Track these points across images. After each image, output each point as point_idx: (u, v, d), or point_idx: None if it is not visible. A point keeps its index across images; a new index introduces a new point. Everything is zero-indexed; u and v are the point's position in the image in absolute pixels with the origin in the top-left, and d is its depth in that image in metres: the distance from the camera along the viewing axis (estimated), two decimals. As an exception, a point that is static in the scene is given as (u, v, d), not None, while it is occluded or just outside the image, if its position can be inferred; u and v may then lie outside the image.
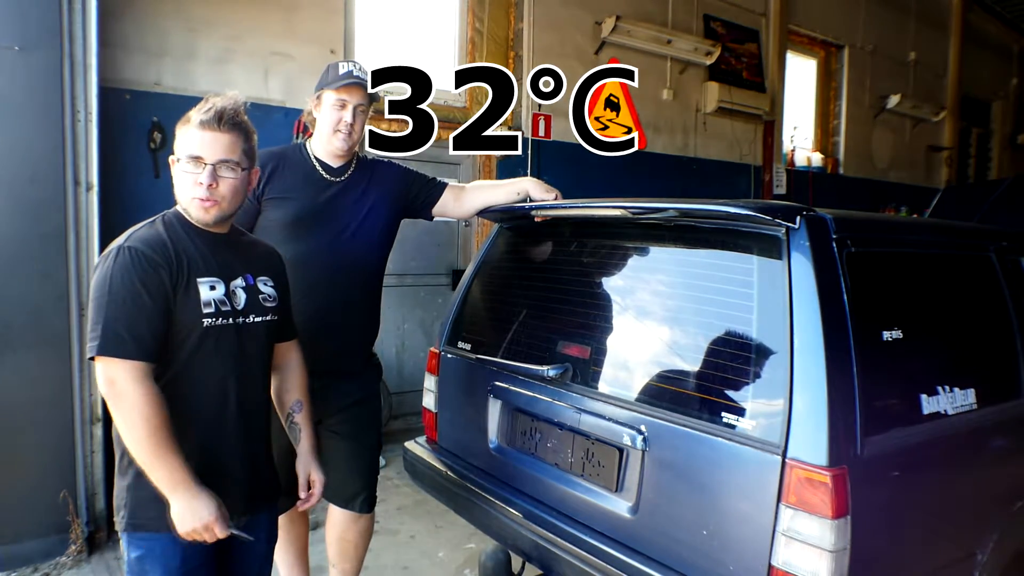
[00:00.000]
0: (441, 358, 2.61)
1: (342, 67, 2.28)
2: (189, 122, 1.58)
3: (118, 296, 1.48)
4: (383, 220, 2.39)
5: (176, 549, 1.55)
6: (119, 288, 1.48)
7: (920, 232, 2.14)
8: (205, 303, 1.58)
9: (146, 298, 1.49)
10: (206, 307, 1.58)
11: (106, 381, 1.46)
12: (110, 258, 1.51)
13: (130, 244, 1.53)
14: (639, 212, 1.96)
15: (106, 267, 1.50)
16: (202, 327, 1.57)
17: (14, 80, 2.99)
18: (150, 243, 1.54)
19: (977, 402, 1.85)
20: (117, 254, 1.51)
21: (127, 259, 1.50)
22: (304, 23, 4.46)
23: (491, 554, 2.52)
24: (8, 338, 3.01)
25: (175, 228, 1.61)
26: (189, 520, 1.48)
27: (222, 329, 1.61)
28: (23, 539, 3.08)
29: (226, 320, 1.62)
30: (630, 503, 1.85)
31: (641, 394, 1.89)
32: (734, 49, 6.79)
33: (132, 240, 1.54)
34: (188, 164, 1.57)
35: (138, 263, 1.50)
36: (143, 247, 1.53)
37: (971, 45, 9.37)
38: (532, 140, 5.50)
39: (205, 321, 1.58)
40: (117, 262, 1.50)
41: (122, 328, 1.46)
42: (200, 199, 1.58)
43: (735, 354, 1.70)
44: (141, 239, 1.55)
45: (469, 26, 5.34)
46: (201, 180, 1.57)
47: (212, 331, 1.59)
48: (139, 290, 1.49)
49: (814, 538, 1.47)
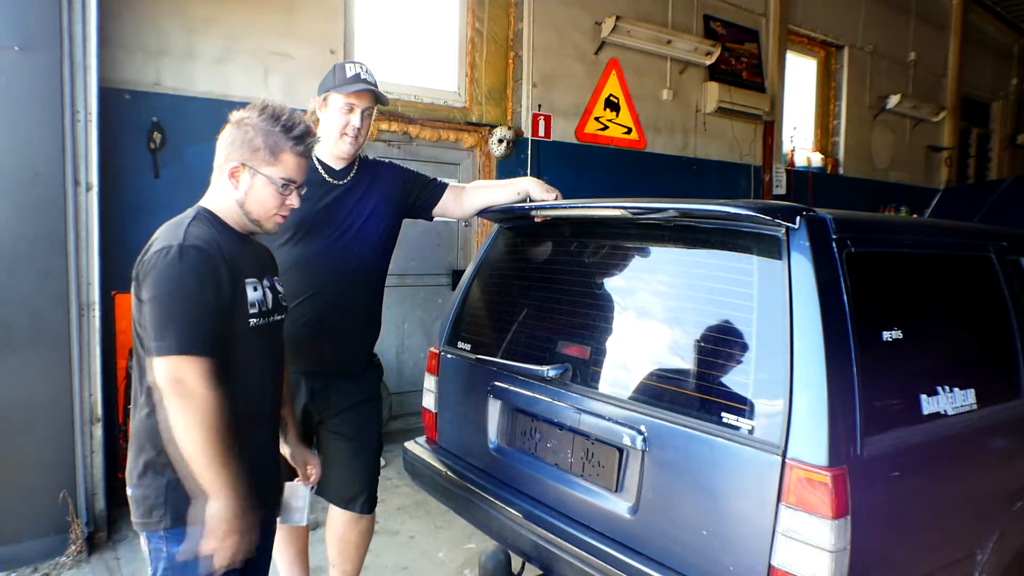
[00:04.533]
0: (441, 358, 2.61)
1: (349, 69, 2.27)
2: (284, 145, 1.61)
3: (187, 295, 1.47)
4: (385, 222, 2.39)
5: None
6: (187, 286, 1.47)
7: (920, 232, 2.14)
8: (251, 304, 1.61)
9: (211, 296, 1.50)
10: (251, 308, 1.61)
11: (173, 380, 1.44)
12: (172, 256, 1.48)
13: (192, 243, 1.51)
14: (639, 212, 1.96)
15: (170, 265, 1.47)
16: (249, 327, 1.61)
17: (14, 80, 2.99)
18: (208, 242, 1.54)
19: (977, 402, 1.86)
20: (181, 253, 1.48)
21: (192, 257, 1.49)
22: (304, 23, 4.46)
23: (491, 554, 2.52)
24: (8, 338, 3.01)
25: (216, 227, 1.61)
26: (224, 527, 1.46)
27: (263, 329, 1.65)
28: (23, 539, 3.08)
29: (265, 320, 1.66)
30: (630, 503, 1.85)
31: (641, 394, 1.89)
32: (734, 49, 6.79)
33: (192, 238, 1.52)
34: (279, 185, 1.62)
35: (205, 262, 1.50)
36: (205, 245, 1.52)
37: (971, 45, 9.37)
38: (532, 140, 5.50)
39: (252, 321, 1.61)
40: (183, 260, 1.48)
41: (193, 327, 1.46)
42: (283, 216, 1.68)
43: (735, 354, 1.70)
44: (201, 238, 1.53)
45: (469, 26, 5.34)
46: (291, 202, 1.67)
47: (255, 331, 1.63)
48: (205, 289, 1.49)
49: (814, 538, 1.47)
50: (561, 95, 5.67)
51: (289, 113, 1.64)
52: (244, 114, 1.64)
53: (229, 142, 1.63)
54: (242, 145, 1.61)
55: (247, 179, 1.62)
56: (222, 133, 1.65)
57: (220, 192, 1.66)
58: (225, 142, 1.64)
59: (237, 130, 1.62)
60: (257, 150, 1.61)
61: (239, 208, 1.64)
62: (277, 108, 1.63)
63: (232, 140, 1.62)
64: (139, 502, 1.56)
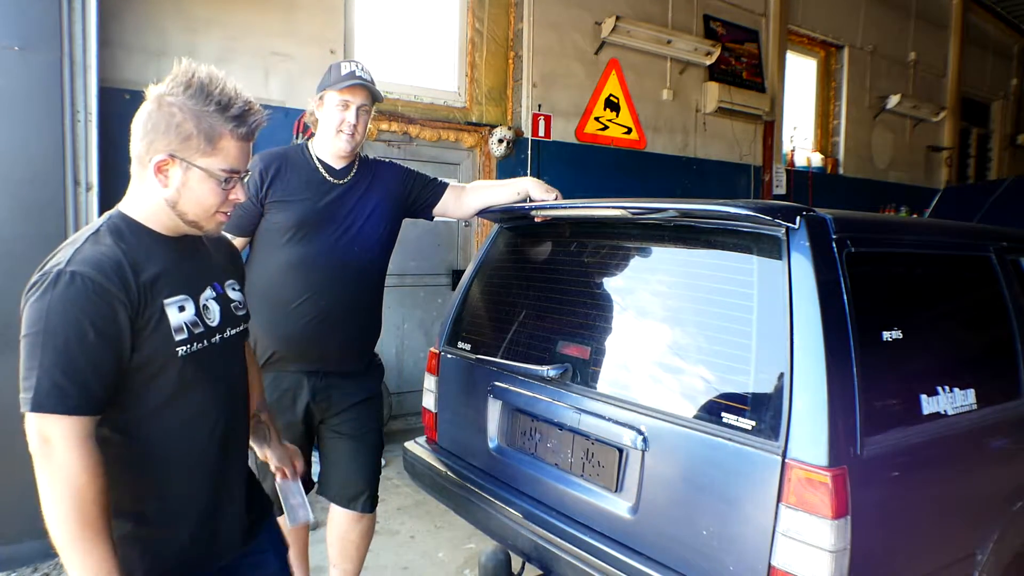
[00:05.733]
0: (441, 358, 2.61)
1: (345, 67, 2.28)
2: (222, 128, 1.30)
3: (59, 335, 1.16)
4: (385, 221, 2.39)
5: None
6: (60, 325, 1.16)
7: (920, 232, 2.14)
8: (176, 329, 1.30)
9: (93, 338, 1.18)
10: (178, 333, 1.30)
11: (39, 439, 1.18)
12: (47, 285, 1.17)
13: (75, 268, 1.19)
14: (639, 212, 1.96)
15: (43, 297, 1.17)
16: (177, 357, 1.30)
17: (14, 80, 2.99)
18: (101, 266, 1.21)
19: (977, 402, 1.86)
20: (57, 280, 1.17)
21: (72, 288, 1.17)
22: (304, 23, 4.47)
23: (491, 554, 2.52)
24: (8, 338, 3.01)
25: (128, 239, 1.29)
26: None
27: (200, 354, 1.35)
28: (23, 539, 3.07)
29: (202, 343, 1.35)
30: (630, 503, 1.85)
31: (641, 394, 1.89)
32: (734, 49, 6.79)
33: (77, 263, 1.20)
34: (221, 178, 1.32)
35: (86, 294, 1.18)
36: (93, 272, 1.19)
37: (971, 45, 9.38)
38: (532, 140, 5.51)
39: (180, 350, 1.30)
40: (57, 292, 1.17)
41: (62, 377, 1.15)
42: (225, 214, 1.37)
43: (735, 354, 1.70)
44: (89, 261, 1.21)
45: (469, 26, 5.34)
46: (236, 196, 1.36)
47: (190, 360, 1.32)
48: (86, 328, 1.17)
49: (814, 538, 1.47)
50: (561, 95, 5.67)
51: (222, 85, 1.31)
52: (164, 89, 1.30)
53: (150, 127, 1.28)
54: (168, 131, 1.27)
55: (179, 174, 1.29)
56: (139, 114, 1.31)
57: (143, 191, 1.33)
58: (144, 127, 1.29)
59: (159, 112, 1.28)
60: (189, 137, 1.27)
61: (170, 209, 1.32)
62: (206, 79, 1.29)
63: (155, 125, 1.28)
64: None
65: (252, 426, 1.68)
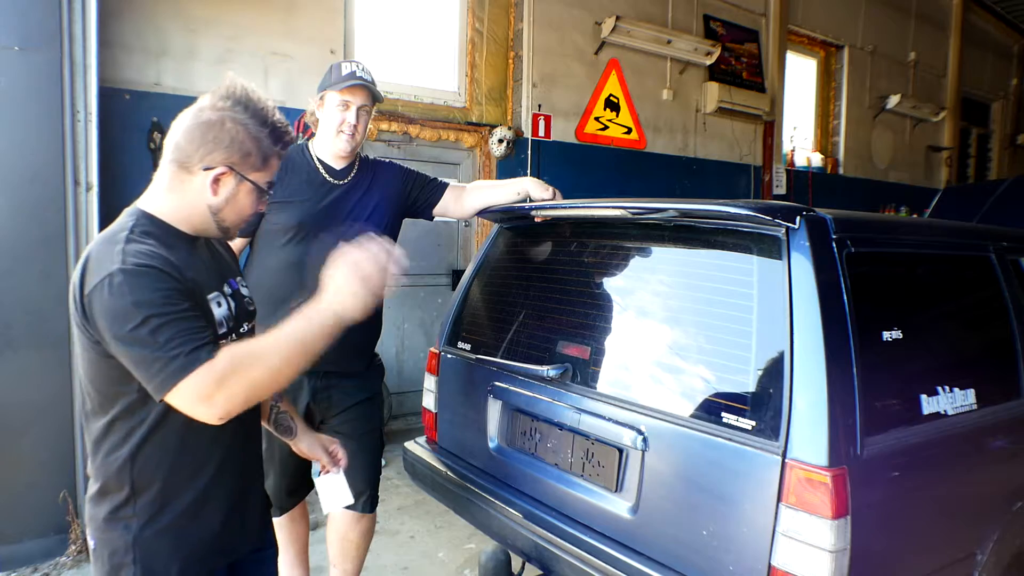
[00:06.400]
0: (441, 358, 2.61)
1: (345, 67, 2.28)
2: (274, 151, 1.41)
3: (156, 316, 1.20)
4: (386, 221, 2.39)
5: None
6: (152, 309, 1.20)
7: (920, 232, 2.14)
8: (218, 323, 1.37)
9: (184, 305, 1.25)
10: (220, 327, 1.37)
11: (205, 399, 1.21)
12: (119, 285, 1.21)
13: (136, 261, 1.23)
14: (639, 212, 1.96)
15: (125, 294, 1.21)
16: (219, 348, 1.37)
17: (14, 80, 2.99)
18: (155, 260, 1.26)
19: (977, 402, 1.85)
20: (125, 275, 1.21)
21: (146, 276, 1.23)
22: (304, 23, 4.47)
23: (491, 554, 2.52)
24: (8, 338, 3.01)
25: (163, 240, 1.33)
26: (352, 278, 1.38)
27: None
28: (23, 539, 3.08)
29: (231, 337, 1.42)
30: (630, 503, 1.85)
31: (641, 394, 1.89)
32: (734, 49, 6.79)
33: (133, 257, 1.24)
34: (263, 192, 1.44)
35: (158, 275, 1.24)
36: (152, 262, 1.25)
37: (971, 45, 9.37)
38: (532, 140, 5.51)
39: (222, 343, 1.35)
40: (134, 283, 1.21)
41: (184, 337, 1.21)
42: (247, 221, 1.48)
43: (735, 354, 1.70)
44: (143, 254, 1.25)
45: (469, 26, 5.34)
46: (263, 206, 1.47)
47: None
48: (172, 301, 1.23)
49: (814, 538, 1.47)
50: (561, 95, 5.67)
51: (273, 112, 1.42)
52: (219, 103, 1.37)
53: (211, 138, 1.34)
54: (230, 146, 1.35)
55: (231, 185, 1.37)
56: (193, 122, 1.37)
57: (177, 192, 1.37)
58: (203, 137, 1.35)
59: (222, 127, 1.35)
60: (248, 155, 1.37)
61: (211, 215, 1.39)
62: (258, 104, 1.39)
63: (214, 138, 1.34)
64: (104, 558, 1.35)
65: (274, 416, 1.75)
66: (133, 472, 1.33)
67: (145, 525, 1.34)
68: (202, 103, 1.39)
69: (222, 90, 1.38)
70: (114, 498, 1.34)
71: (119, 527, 1.34)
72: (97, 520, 1.36)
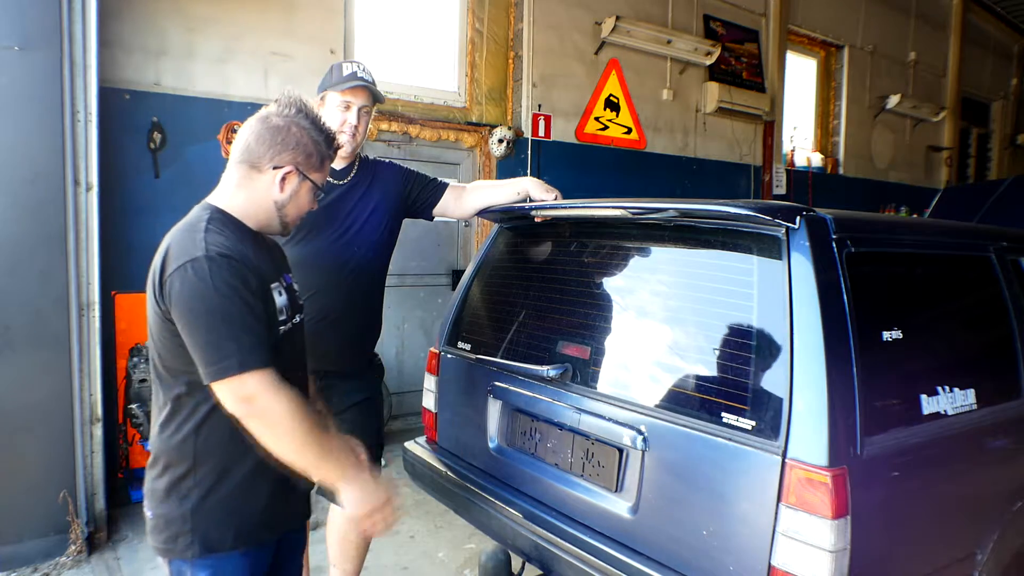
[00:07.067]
0: (441, 358, 2.61)
1: (346, 68, 2.28)
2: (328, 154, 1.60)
3: (228, 308, 1.36)
4: (386, 221, 2.39)
5: (245, 563, 1.52)
6: (226, 299, 1.36)
7: (920, 232, 2.14)
8: (280, 310, 1.53)
9: (254, 302, 1.40)
10: (280, 314, 1.53)
11: (243, 400, 1.35)
12: (200, 270, 1.36)
13: (218, 250, 1.39)
14: (639, 212, 1.96)
15: (202, 281, 1.35)
16: (279, 335, 1.52)
17: (14, 80, 2.99)
18: (233, 250, 1.42)
19: (977, 402, 1.85)
20: (208, 263, 1.36)
21: (226, 267, 1.37)
22: (304, 23, 4.47)
23: (491, 554, 2.52)
24: (8, 338, 3.01)
25: (235, 232, 1.49)
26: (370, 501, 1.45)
27: (289, 334, 1.57)
28: (23, 539, 3.08)
29: (291, 324, 1.58)
30: (630, 503, 1.85)
31: (641, 394, 1.89)
32: (734, 49, 6.80)
33: (215, 246, 1.39)
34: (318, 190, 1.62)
35: (237, 268, 1.39)
36: (231, 252, 1.40)
37: (971, 45, 9.38)
38: (532, 140, 5.51)
39: (281, 329, 1.53)
40: (214, 272, 1.36)
41: (245, 339, 1.35)
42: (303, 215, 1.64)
43: (735, 354, 1.70)
44: (223, 245, 1.41)
45: (469, 26, 5.34)
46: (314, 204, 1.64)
47: (285, 338, 1.54)
48: (246, 296, 1.39)
49: (814, 538, 1.47)
50: (561, 95, 5.67)
51: (325, 121, 1.63)
52: (284, 111, 1.55)
53: (279, 141, 1.51)
54: (296, 148, 1.53)
55: (296, 183, 1.55)
56: (263, 126, 1.53)
57: (247, 190, 1.54)
58: (272, 139, 1.52)
59: (289, 132, 1.52)
60: (311, 156, 1.55)
61: (276, 211, 1.56)
62: (315, 114, 1.59)
63: (283, 140, 1.52)
64: (161, 527, 1.48)
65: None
66: (197, 445, 1.46)
67: (204, 497, 1.46)
68: (268, 111, 1.55)
69: (285, 100, 1.56)
70: (175, 471, 1.47)
71: (177, 500, 1.47)
72: (157, 492, 1.49)
